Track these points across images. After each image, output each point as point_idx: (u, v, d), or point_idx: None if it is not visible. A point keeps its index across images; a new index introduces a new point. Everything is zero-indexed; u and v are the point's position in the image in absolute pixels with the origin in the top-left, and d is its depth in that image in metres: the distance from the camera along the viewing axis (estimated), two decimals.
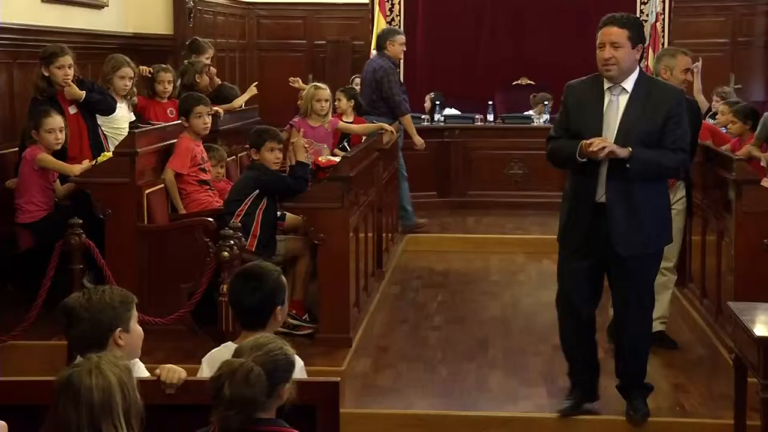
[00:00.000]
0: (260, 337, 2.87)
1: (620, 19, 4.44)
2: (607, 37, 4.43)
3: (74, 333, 3.00)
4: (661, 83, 4.66)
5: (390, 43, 8.78)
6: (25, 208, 6.13)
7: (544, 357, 5.79)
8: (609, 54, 4.41)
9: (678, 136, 4.47)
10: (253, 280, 3.34)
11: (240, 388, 2.62)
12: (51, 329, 5.57)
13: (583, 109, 4.54)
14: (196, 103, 6.42)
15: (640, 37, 4.45)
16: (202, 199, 6.30)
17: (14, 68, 7.46)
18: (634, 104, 4.44)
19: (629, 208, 4.44)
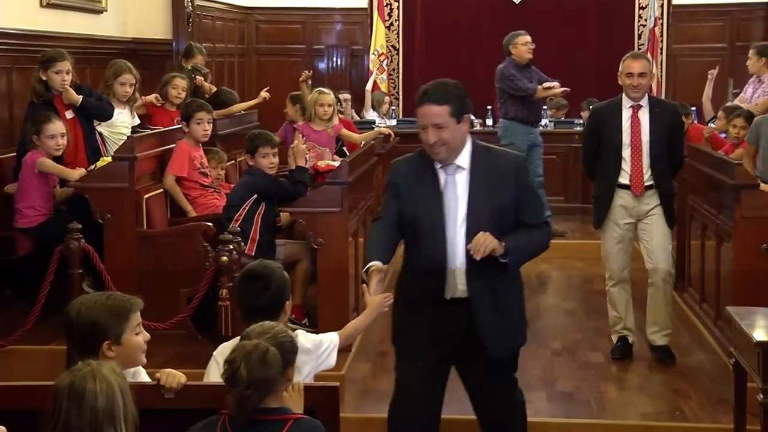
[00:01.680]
0: (264, 323, 2.93)
1: (436, 94, 3.73)
2: (427, 118, 3.72)
3: (69, 341, 3.01)
4: (494, 151, 3.90)
5: (512, 47, 8.85)
6: (24, 212, 6.13)
7: (542, 362, 5.79)
8: (434, 137, 3.71)
9: (538, 208, 3.96)
10: (260, 280, 3.38)
11: (257, 368, 2.71)
12: (50, 334, 5.58)
13: (417, 193, 3.81)
14: (198, 109, 6.44)
15: (464, 106, 3.76)
16: (208, 202, 6.32)
17: (13, 73, 7.47)
18: (476, 181, 3.78)
19: (496, 305, 3.82)
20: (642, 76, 5.56)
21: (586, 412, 5.00)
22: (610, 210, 5.64)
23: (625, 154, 5.56)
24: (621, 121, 5.59)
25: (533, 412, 4.95)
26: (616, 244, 5.68)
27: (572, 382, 5.42)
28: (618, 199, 5.61)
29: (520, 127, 8.86)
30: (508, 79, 8.76)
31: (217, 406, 2.86)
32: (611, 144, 5.60)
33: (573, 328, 6.57)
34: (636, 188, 5.57)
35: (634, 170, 5.57)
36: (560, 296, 7.58)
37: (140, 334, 3.02)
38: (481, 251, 3.62)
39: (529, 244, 3.85)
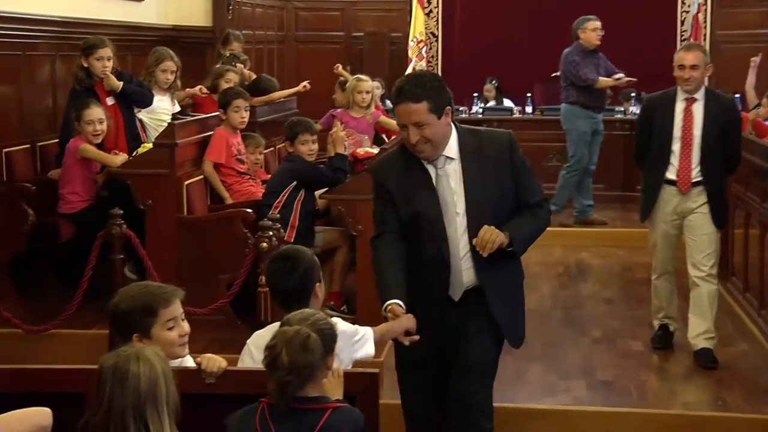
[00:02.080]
0: (304, 310, 2.95)
1: (412, 90, 3.48)
2: (406, 117, 3.50)
3: (110, 328, 3.06)
4: (481, 134, 3.69)
5: (581, 31, 8.85)
6: (68, 198, 6.20)
7: (582, 350, 5.76)
8: (416, 136, 3.49)
9: (536, 187, 3.73)
10: (289, 261, 3.37)
11: (299, 354, 2.72)
12: (92, 318, 5.64)
13: (410, 192, 3.59)
14: (236, 96, 6.46)
15: (443, 99, 3.53)
16: (244, 189, 6.34)
17: (56, 60, 7.55)
18: (469, 170, 3.58)
19: (505, 295, 3.71)
20: (694, 69, 5.35)
21: (627, 401, 4.96)
22: (656, 205, 5.48)
23: (674, 148, 5.37)
24: (673, 113, 5.39)
25: (572, 400, 4.96)
26: (660, 239, 5.55)
27: (612, 371, 5.38)
28: (664, 195, 5.44)
29: (582, 112, 8.82)
30: (572, 65, 8.73)
31: (257, 392, 2.87)
32: (661, 137, 5.42)
33: (613, 316, 6.52)
34: (682, 185, 5.36)
35: (682, 165, 5.37)
36: (600, 284, 7.52)
37: (174, 328, 3.00)
38: (488, 248, 3.48)
39: (533, 227, 3.69)
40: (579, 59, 8.74)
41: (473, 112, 10.63)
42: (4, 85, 7.15)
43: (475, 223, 3.53)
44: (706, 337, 5.43)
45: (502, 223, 3.55)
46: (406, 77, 3.61)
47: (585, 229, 8.97)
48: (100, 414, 2.50)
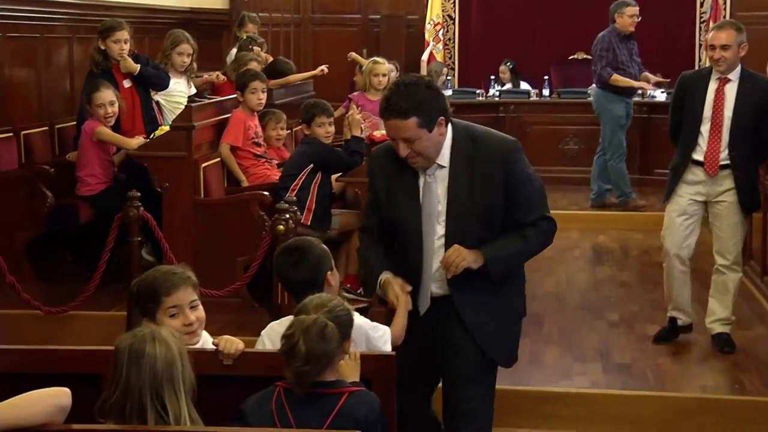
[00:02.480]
0: (321, 295, 2.96)
1: (400, 105, 3.26)
2: (393, 132, 3.31)
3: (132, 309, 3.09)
4: (480, 140, 3.42)
5: (618, 15, 8.79)
6: (85, 180, 6.23)
7: (599, 333, 5.75)
8: (405, 151, 3.31)
9: (532, 203, 3.46)
10: (296, 252, 3.32)
11: (316, 343, 2.72)
12: (110, 300, 5.68)
13: (393, 193, 3.46)
14: (253, 78, 6.45)
15: (435, 111, 3.31)
16: (260, 172, 6.34)
17: (74, 42, 7.57)
18: (458, 181, 3.38)
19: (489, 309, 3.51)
20: (725, 49, 5.15)
21: (644, 384, 4.95)
22: (679, 184, 5.31)
23: (703, 129, 5.21)
24: (705, 93, 5.23)
25: (589, 383, 4.95)
26: (676, 216, 5.33)
27: (629, 354, 5.37)
28: (689, 175, 5.27)
29: (614, 96, 8.76)
30: (604, 51, 8.67)
31: (274, 374, 2.88)
32: (692, 116, 5.26)
33: (630, 300, 6.51)
34: (710, 167, 5.20)
35: (710, 147, 5.20)
36: (617, 268, 7.50)
37: (177, 316, 3.01)
38: (452, 270, 3.33)
39: (515, 249, 3.45)
40: (614, 43, 8.63)
41: (490, 94, 10.59)
42: (22, 68, 7.18)
43: (455, 235, 3.38)
44: (723, 323, 5.39)
45: (489, 238, 3.40)
46: (395, 87, 3.34)
47: (602, 213, 8.94)
48: (117, 394, 2.52)
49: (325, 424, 2.71)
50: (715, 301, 5.41)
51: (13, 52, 7.04)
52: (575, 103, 10.32)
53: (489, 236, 3.40)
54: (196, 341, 3.08)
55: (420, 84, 3.33)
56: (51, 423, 2.40)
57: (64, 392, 2.43)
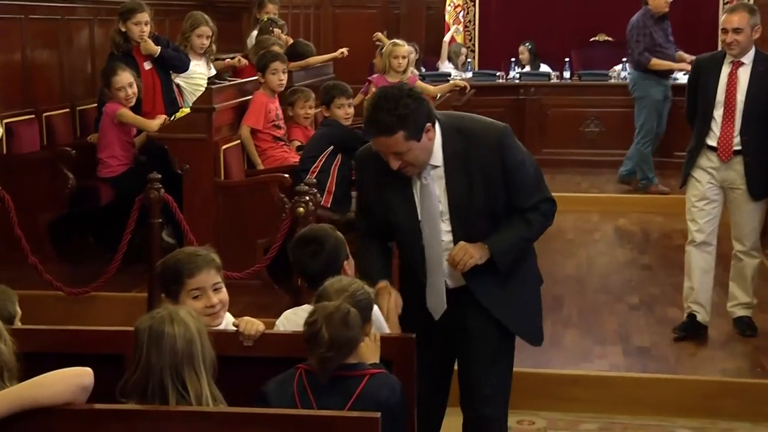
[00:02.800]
0: (341, 278, 2.95)
1: (384, 123, 3.18)
2: (382, 148, 3.25)
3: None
4: (469, 132, 3.34)
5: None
6: (106, 162, 6.26)
7: (619, 316, 5.74)
8: (396, 164, 3.25)
9: (531, 187, 3.40)
10: (313, 243, 3.29)
11: (339, 329, 2.72)
12: (131, 281, 5.71)
13: (387, 195, 3.39)
14: (273, 59, 6.44)
15: (421, 119, 3.21)
16: (277, 155, 6.34)
17: (95, 25, 7.59)
18: (455, 178, 3.33)
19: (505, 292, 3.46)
20: (738, 32, 5.06)
21: (664, 368, 4.94)
22: (694, 168, 5.23)
23: (716, 114, 5.12)
24: (718, 77, 5.14)
25: (609, 366, 4.95)
26: (696, 201, 5.26)
27: (649, 337, 5.36)
28: (704, 160, 5.20)
29: (652, 80, 8.69)
30: (641, 36, 8.56)
31: (294, 355, 2.88)
32: (705, 101, 5.17)
33: (651, 283, 6.49)
34: (723, 153, 5.11)
35: (723, 133, 5.11)
36: (638, 251, 7.48)
37: (200, 298, 3.01)
38: (459, 267, 3.30)
39: (520, 237, 3.41)
40: (649, 24, 8.52)
41: (510, 77, 10.55)
42: (44, 50, 7.21)
43: (462, 232, 3.35)
44: (745, 307, 5.36)
45: (495, 227, 3.37)
46: (376, 103, 3.23)
47: (623, 196, 8.91)
48: (138, 375, 2.54)
49: (347, 407, 2.72)
50: (735, 286, 5.38)
51: (35, 34, 7.06)
52: (596, 85, 10.27)
53: (494, 226, 3.38)
54: (218, 323, 3.09)
55: (401, 96, 3.22)
56: (73, 402, 2.42)
57: (86, 372, 2.44)
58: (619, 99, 10.03)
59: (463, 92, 8.71)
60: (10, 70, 6.73)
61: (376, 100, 3.25)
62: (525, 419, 4.66)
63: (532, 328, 3.62)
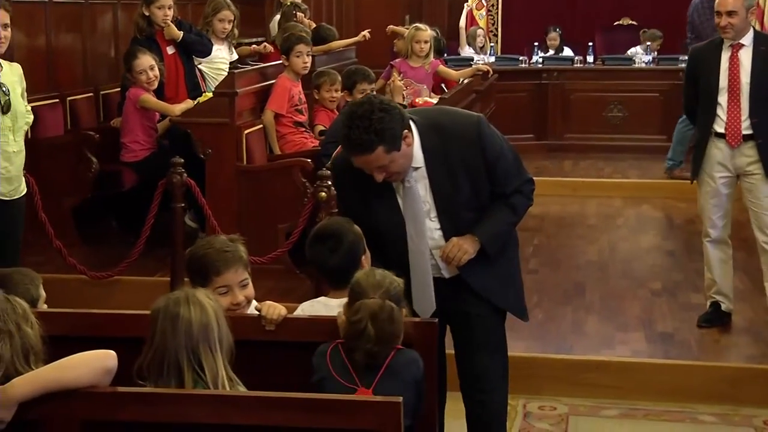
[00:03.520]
0: (373, 272, 2.96)
1: (362, 143, 3.17)
2: (366, 165, 3.24)
3: None
4: (446, 127, 3.36)
5: None
6: (129, 146, 6.28)
7: (642, 302, 5.72)
8: (381, 176, 3.25)
9: (512, 174, 3.41)
10: (331, 239, 3.26)
11: (386, 325, 2.80)
12: (154, 266, 5.74)
13: (369, 201, 3.38)
14: (297, 42, 6.42)
15: (397, 130, 3.19)
16: (297, 140, 6.34)
17: (118, 9, 7.61)
18: (437, 175, 3.34)
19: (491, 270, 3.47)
20: (732, 15, 4.93)
21: (687, 354, 4.92)
22: (704, 161, 5.08)
23: (721, 100, 4.99)
24: (719, 63, 5.01)
25: (631, 352, 4.94)
26: (710, 199, 5.13)
27: (672, 323, 5.34)
28: (713, 150, 5.05)
29: None
30: (705, 15, 8.23)
31: (317, 339, 2.91)
32: (707, 88, 5.04)
33: (674, 268, 6.46)
34: (732, 139, 4.98)
35: (730, 118, 4.98)
36: (661, 237, 7.44)
37: (226, 295, 3.01)
38: (455, 263, 3.35)
39: (506, 222, 3.45)
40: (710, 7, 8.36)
41: (533, 61, 10.50)
42: (68, 34, 7.24)
43: (450, 227, 3.37)
44: None
45: (476, 220, 3.39)
46: (349, 123, 3.19)
47: (645, 181, 8.85)
48: (154, 356, 2.56)
49: (375, 379, 2.80)
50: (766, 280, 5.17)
51: (59, 18, 7.09)
52: (620, 69, 10.20)
53: (481, 215, 3.41)
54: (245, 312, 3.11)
55: (373, 111, 3.18)
56: (97, 385, 2.43)
57: (109, 354, 2.46)
58: (643, 84, 9.99)
59: (485, 77, 8.69)
60: (34, 54, 6.76)
61: (348, 120, 3.21)
62: (546, 405, 4.66)
63: (519, 302, 3.65)
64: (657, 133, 9.92)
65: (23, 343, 2.45)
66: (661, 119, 9.92)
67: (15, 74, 4.70)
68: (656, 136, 9.89)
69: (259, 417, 2.43)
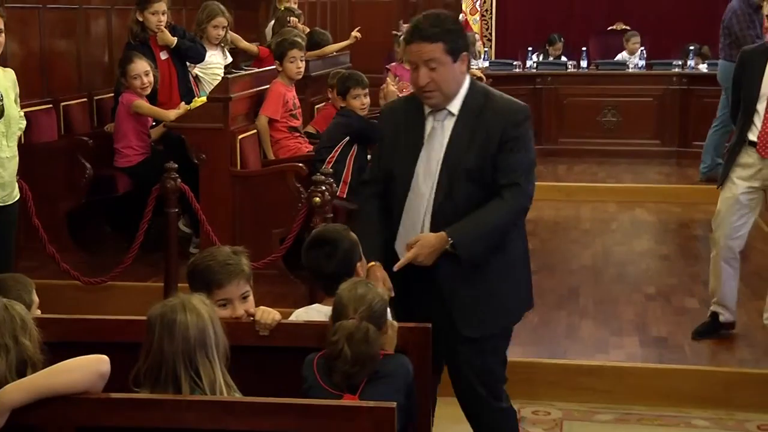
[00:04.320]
0: (356, 285, 2.93)
1: (429, 30, 3.24)
2: (417, 55, 3.27)
3: None
4: (494, 98, 3.37)
5: None
6: (123, 152, 6.27)
7: (636, 306, 5.72)
8: (425, 78, 3.26)
9: (511, 165, 3.29)
10: (327, 245, 3.25)
11: (361, 347, 2.78)
12: (147, 271, 5.73)
13: (399, 141, 3.40)
14: (291, 47, 6.43)
15: (461, 43, 3.29)
16: (291, 145, 6.34)
17: (112, 14, 7.60)
18: (461, 131, 3.31)
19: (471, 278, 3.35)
20: None
21: (681, 358, 4.92)
22: (733, 168, 4.93)
23: (759, 107, 4.82)
24: (764, 69, 4.83)
25: (626, 356, 4.93)
26: (730, 205, 4.95)
27: (666, 328, 5.34)
28: (744, 157, 4.90)
29: None
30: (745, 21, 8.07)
31: (310, 345, 2.90)
32: (748, 94, 4.88)
33: (669, 273, 6.46)
34: (763, 148, 4.82)
35: (765, 127, 4.81)
36: (655, 241, 7.45)
37: (226, 307, 3.01)
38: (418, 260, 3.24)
39: (485, 225, 3.28)
40: (752, 12, 8.06)
41: (527, 66, 10.52)
42: (61, 39, 7.23)
43: (445, 185, 3.29)
44: None
45: (480, 197, 3.29)
46: (424, 15, 3.33)
47: (639, 185, 8.87)
48: (150, 363, 2.56)
49: (362, 383, 2.79)
50: None
51: (53, 23, 7.09)
52: (614, 74, 10.23)
53: (480, 195, 3.30)
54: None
55: (449, 16, 3.36)
56: (90, 390, 2.43)
57: (103, 360, 2.46)
58: (637, 88, 10.01)
59: (479, 81, 8.70)
60: (28, 59, 6.75)
61: (424, 14, 3.34)
62: (540, 410, 4.66)
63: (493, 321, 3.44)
64: (651, 137, 9.96)
65: (20, 356, 2.45)
66: (655, 124, 9.96)
67: (8, 79, 4.70)
68: (650, 140, 9.94)
69: (253, 423, 2.43)
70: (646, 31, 11.13)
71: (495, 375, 3.49)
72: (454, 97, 3.33)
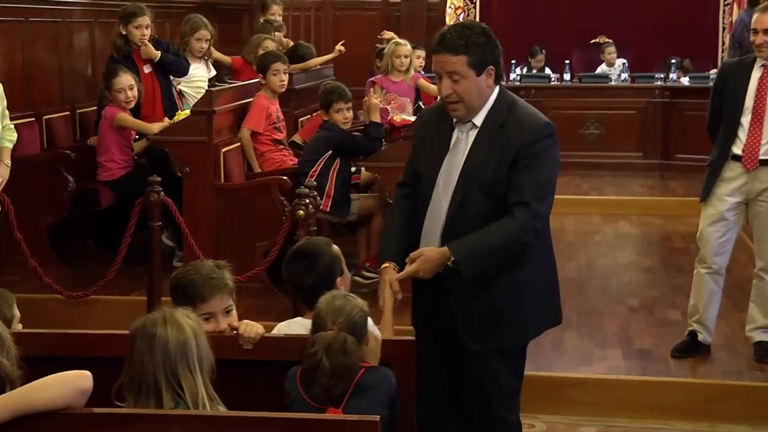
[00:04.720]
0: (335, 297, 2.93)
1: (453, 41, 3.22)
2: (440, 66, 3.25)
3: None
4: (518, 111, 3.31)
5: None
6: (106, 165, 6.26)
7: (620, 319, 5.73)
8: (448, 90, 3.24)
9: (522, 183, 3.21)
10: (306, 259, 3.25)
11: (339, 358, 2.76)
12: (130, 285, 5.71)
13: (427, 147, 3.41)
14: (274, 60, 6.43)
15: (487, 56, 3.24)
16: (276, 158, 6.34)
17: (95, 27, 7.59)
18: (480, 144, 3.28)
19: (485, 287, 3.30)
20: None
21: (664, 370, 4.93)
22: (717, 183, 4.88)
23: (743, 121, 4.79)
24: (747, 82, 4.81)
25: (609, 369, 4.94)
26: (713, 222, 4.91)
27: (650, 340, 5.35)
28: (727, 171, 4.86)
29: None
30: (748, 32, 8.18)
31: (294, 358, 2.89)
32: (731, 107, 4.84)
33: (651, 285, 6.48)
34: (748, 161, 4.78)
35: (750, 140, 4.78)
36: (638, 253, 7.48)
37: (210, 320, 2.99)
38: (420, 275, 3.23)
39: (490, 245, 3.23)
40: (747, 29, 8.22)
41: (511, 79, 10.55)
42: (44, 53, 7.22)
43: (461, 197, 3.27)
44: (764, 330, 5.06)
45: (487, 210, 3.25)
46: (452, 25, 3.34)
47: (623, 198, 8.91)
48: (132, 376, 2.55)
49: (346, 396, 2.78)
50: (755, 307, 5.06)
51: (36, 36, 7.07)
52: (597, 87, 10.28)
53: (492, 209, 3.26)
54: None
55: (478, 28, 3.28)
56: (72, 406, 2.41)
57: (84, 375, 2.44)
58: (620, 101, 10.07)
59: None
60: (10, 72, 6.73)
61: (453, 24, 3.38)
62: (525, 422, 4.59)
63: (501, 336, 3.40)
64: (634, 150, 10.01)
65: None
66: (638, 136, 10.01)
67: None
68: (633, 153, 9.99)
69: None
70: (629, 44, 11.20)
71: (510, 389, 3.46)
72: (479, 109, 3.30)
